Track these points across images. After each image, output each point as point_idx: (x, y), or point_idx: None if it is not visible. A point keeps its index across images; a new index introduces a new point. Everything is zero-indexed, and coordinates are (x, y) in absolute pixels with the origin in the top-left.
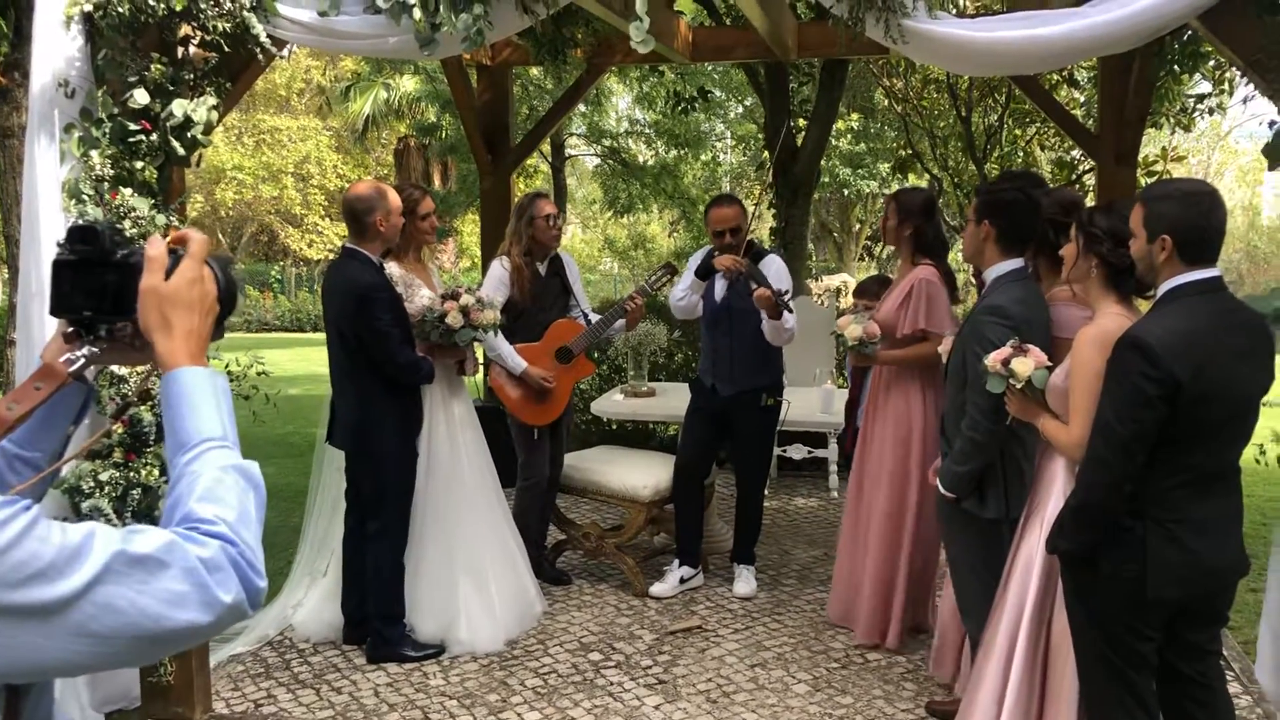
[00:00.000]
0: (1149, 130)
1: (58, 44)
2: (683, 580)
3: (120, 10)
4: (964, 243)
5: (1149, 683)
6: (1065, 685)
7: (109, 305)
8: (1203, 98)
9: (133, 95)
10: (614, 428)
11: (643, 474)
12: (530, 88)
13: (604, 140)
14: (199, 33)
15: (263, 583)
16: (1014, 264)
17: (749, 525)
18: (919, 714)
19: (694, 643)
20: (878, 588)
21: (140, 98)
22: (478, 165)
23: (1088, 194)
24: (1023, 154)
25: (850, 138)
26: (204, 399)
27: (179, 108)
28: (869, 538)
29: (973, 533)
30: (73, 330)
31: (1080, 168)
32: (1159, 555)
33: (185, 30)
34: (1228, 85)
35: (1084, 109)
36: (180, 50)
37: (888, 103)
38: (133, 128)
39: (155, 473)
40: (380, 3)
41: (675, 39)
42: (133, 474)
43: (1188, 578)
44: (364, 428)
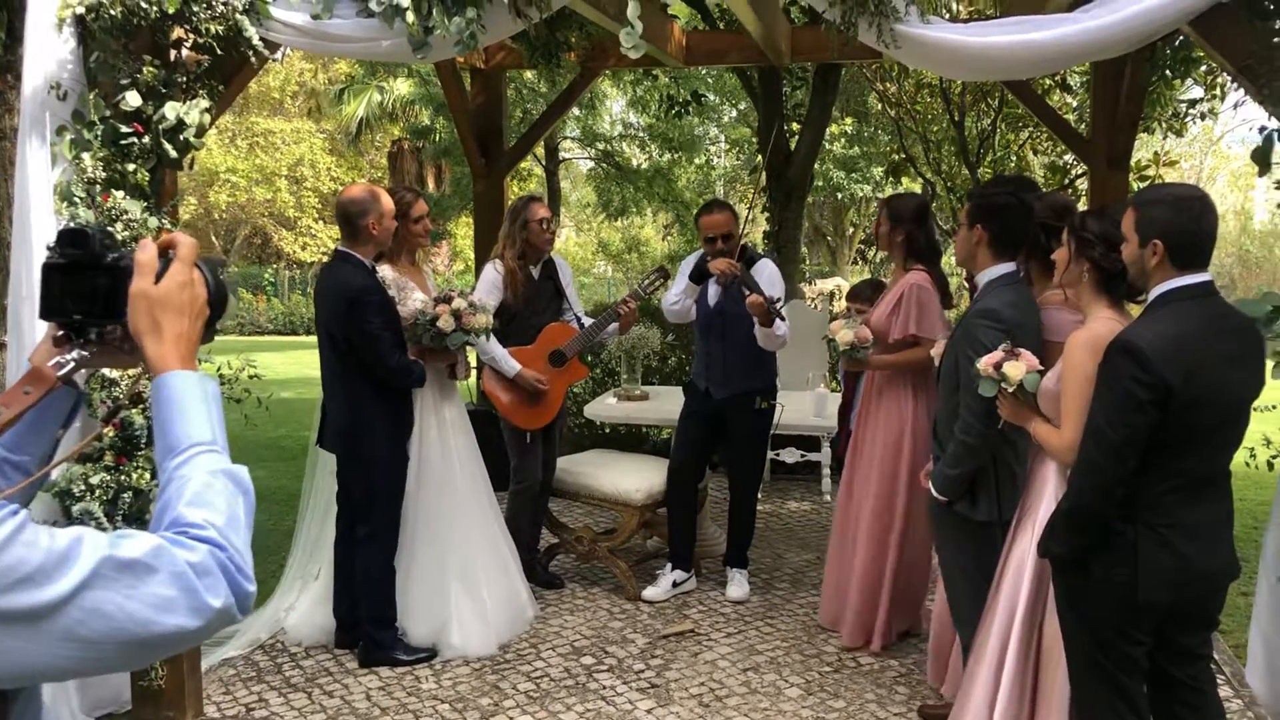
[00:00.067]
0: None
1: (50, 46)
2: (675, 584)
3: (113, 13)
4: (957, 247)
5: (1140, 687)
6: (1056, 689)
7: (99, 309)
8: (1194, 103)
9: (125, 98)
10: (607, 431)
11: (635, 478)
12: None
13: (598, 144)
14: (192, 35)
15: (251, 587)
16: (1006, 268)
17: (742, 529)
18: (911, 718)
19: (686, 646)
20: (864, 590)
21: (132, 100)
22: (471, 168)
23: (1080, 198)
24: (1015, 158)
25: (844, 142)
26: (194, 403)
27: (171, 110)
28: (857, 540)
29: (964, 536)
30: (62, 334)
31: (1073, 172)
32: (1150, 559)
33: (178, 33)
34: (1219, 90)
35: (1076, 114)
36: (173, 53)
37: (881, 107)
38: (125, 130)
39: (146, 476)
40: (373, 6)
41: (669, 43)
42: (124, 477)
43: (1179, 582)
44: (354, 431)
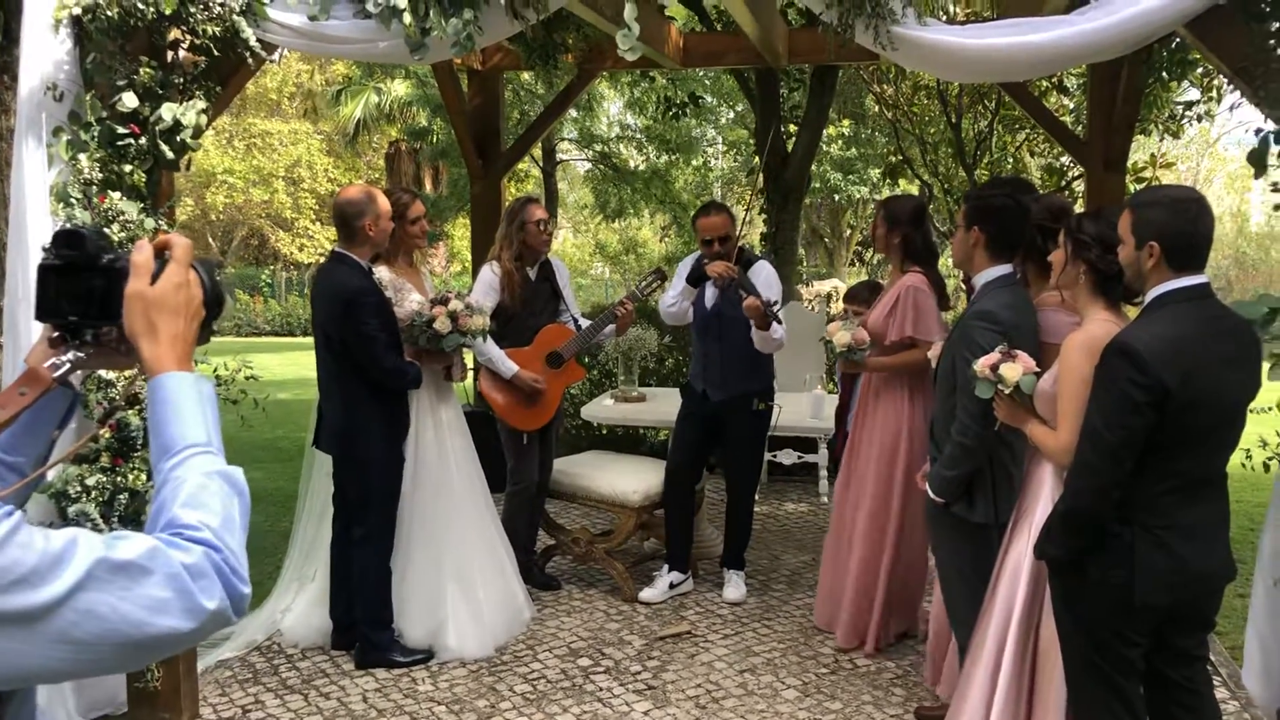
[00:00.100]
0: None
1: (46, 47)
2: (672, 585)
3: (109, 14)
4: (953, 248)
5: (1136, 688)
6: (1053, 691)
7: (95, 310)
8: (1191, 104)
9: (121, 99)
10: (604, 433)
11: (633, 479)
12: (521, 92)
13: (595, 145)
14: (188, 36)
15: (246, 589)
16: (1003, 269)
17: (739, 530)
18: (908, 719)
19: (683, 648)
20: (859, 591)
21: (129, 101)
22: (468, 170)
23: (1077, 200)
24: (1012, 160)
25: (841, 143)
26: (189, 404)
27: (168, 111)
28: (853, 541)
29: (961, 537)
30: (58, 335)
31: (1069, 174)
32: (1147, 561)
33: (175, 34)
34: (1216, 92)
35: (1073, 115)
36: (169, 54)
37: (878, 109)
38: (121, 131)
39: (142, 478)
40: (370, 7)
41: (666, 45)
42: (120, 479)
43: (1175, 583)
44: (350, 432)
